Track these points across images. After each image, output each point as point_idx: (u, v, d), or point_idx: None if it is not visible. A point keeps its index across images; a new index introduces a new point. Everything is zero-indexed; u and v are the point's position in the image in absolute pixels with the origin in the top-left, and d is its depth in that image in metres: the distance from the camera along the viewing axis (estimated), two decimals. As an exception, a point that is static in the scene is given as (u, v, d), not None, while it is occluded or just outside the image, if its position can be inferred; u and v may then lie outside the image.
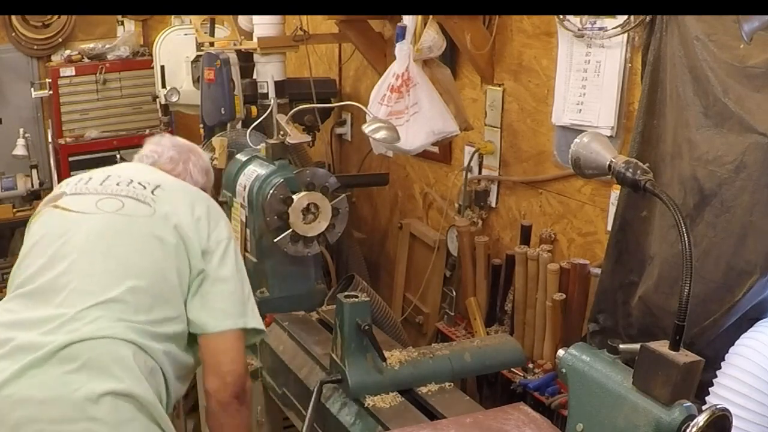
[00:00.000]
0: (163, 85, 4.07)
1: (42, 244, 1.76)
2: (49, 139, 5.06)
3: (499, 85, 2.77)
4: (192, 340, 1.79)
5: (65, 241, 1.74)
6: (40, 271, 1.71)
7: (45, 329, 1.61)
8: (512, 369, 2.42)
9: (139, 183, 1.84)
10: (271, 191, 2.43)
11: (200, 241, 1.78)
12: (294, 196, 2.43)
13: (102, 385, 1.57)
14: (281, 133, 2.62)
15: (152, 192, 1.83)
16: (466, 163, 2.91)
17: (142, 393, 1.60)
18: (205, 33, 3.72)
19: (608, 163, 1.50)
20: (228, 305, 1.78)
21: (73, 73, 4.82)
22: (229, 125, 3.14)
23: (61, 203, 1.83)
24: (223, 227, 1.86)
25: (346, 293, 1.97)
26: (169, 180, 1.92)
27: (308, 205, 2.45)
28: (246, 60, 3.25)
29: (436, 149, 3.05)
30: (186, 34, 4.01)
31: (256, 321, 1.84)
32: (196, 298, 1.76)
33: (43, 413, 1.54)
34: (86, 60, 4.92)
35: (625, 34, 2.21)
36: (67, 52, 4.96)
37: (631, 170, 1.45)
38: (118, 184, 1.84)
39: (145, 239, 1.75)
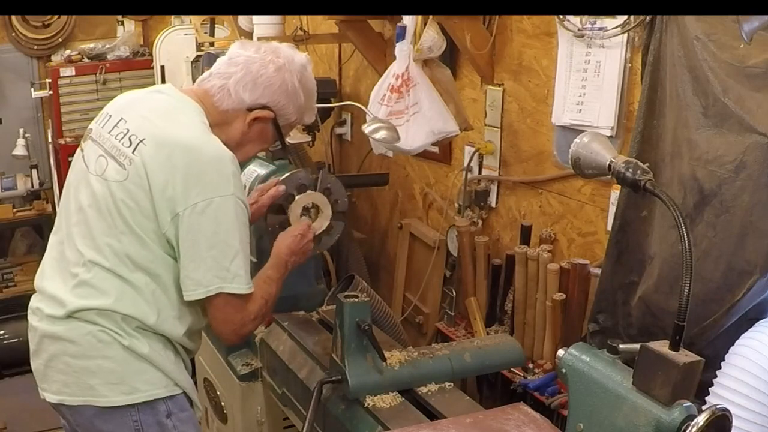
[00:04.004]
0: (163, 85, 4.07)
1: (67, 195, 1.95)
2: (49, 139, 5.07)
3: (499, 85, 2.77)
4: None
5: (72, 203, 1.90)
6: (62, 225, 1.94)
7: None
8: (512, 369, 2.42)
9: (130, 138, 1.81)
10: (271, 191, 2.42)
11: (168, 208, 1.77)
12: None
13: None
14: (281, 133, 2.62)
15: (133, 151, 1.79)
16: (466, 163, 2.91)
17: None
18: (205, 33, 3.73)
19: (608, 163, 1.50)
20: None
21: (73, 73, 4.83)
22: (229, 125, 3.13)
23: (85, 146, 1.95)
24: (200, 192, 1.76)
25: (346, 293, 1.97)
26: (160, 131, 1.80)
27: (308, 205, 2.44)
28: (246, 60, 3.24)
29: (436, 149, 3.05)
30: (186, 34, 4.01)
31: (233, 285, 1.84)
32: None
33: None
34: (86, 60, 4.92)
35: (625, 34, 2.20)
36: (67, 52, 4.96)
37: (631, 170, 1.45)
38: (116, 136, 1.85)
39: (111, 213, 1.80)
